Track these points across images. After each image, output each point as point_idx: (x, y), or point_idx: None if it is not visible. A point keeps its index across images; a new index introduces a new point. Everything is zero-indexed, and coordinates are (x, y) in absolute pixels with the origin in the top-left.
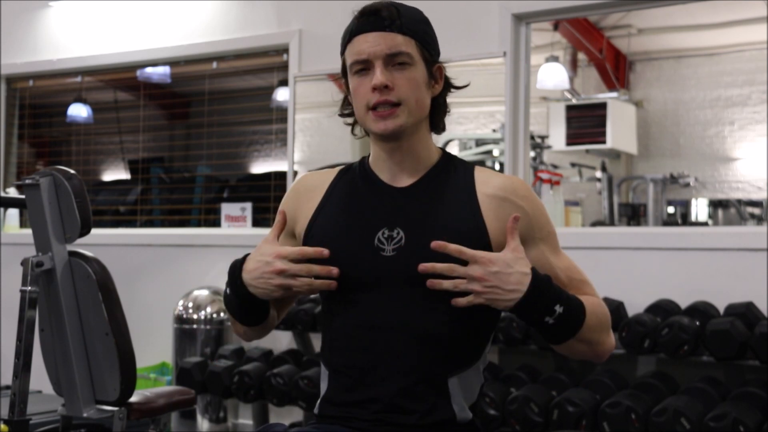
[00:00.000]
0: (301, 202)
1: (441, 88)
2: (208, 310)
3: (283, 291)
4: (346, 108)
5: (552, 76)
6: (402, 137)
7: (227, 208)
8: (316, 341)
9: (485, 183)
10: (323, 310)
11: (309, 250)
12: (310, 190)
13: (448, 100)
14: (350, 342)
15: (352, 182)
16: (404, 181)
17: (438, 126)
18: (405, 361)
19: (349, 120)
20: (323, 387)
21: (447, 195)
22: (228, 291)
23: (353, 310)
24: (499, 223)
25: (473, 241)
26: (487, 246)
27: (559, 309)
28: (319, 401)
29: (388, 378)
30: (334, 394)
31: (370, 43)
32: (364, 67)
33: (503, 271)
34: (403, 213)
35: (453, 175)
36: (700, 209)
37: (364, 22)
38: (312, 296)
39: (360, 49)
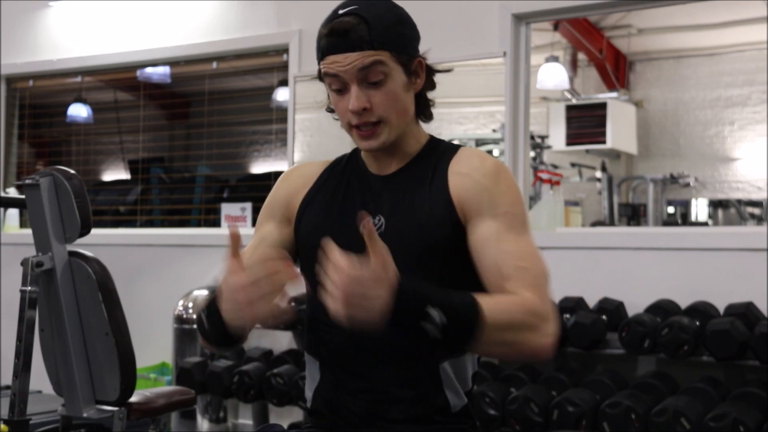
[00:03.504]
0: (295, 190)
1: (423, 81)
2: None
3: (272, 312)
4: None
5: (552, 76)
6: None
7: (227, 208)
8: None
9: (460, 162)
10: (308, 300)
11: (273, 259)
12: (303, 178)
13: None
14: (336, 331)
15: (342, 174)
16: (390, 170)
17: (425, 115)
18: (393, 347)
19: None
20: (312, 378)
21: (426, 179)
22: (207, 328)
23: None
24: (459, 198)
25: (445, 223)
26: (457, 224)
27: (434, 312)
28: (311, 395)
29: (377, 366)
30: (323, 386)
31: (341, 63)
32: (340, 87)
33: (365, 293)
34: (384, 200)
35: (435, 159)
36: (700, 209)
37: (333, 43)
38: None
39: (333, 70)
